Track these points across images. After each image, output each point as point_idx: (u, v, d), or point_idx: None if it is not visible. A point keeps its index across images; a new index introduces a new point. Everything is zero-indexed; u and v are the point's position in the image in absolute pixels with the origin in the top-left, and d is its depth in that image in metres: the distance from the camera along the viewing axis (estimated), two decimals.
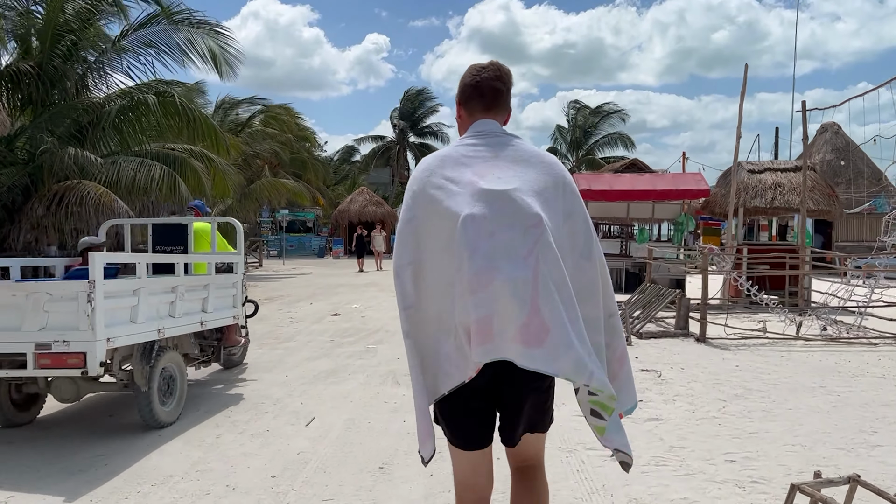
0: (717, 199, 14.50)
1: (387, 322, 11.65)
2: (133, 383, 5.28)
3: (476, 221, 2.15)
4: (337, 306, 14.27)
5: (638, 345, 9.21)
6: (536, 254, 2.12)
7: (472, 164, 2.32)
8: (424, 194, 2.31)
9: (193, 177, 15.02)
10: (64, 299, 4.67)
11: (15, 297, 4.70)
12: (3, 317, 4.70)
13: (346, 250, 38.57)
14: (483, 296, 2.09)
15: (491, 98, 2.47)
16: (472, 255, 2.12)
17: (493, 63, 2.52)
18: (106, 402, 6.36)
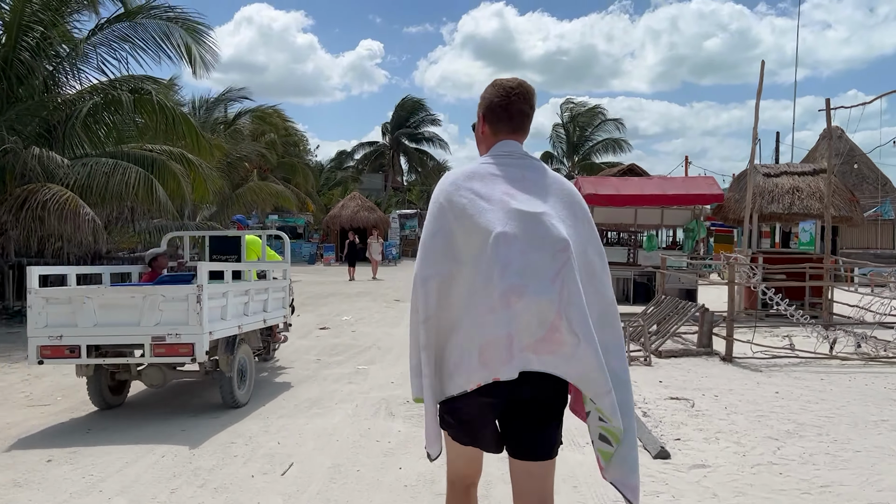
0: (731, 205, 13.64)
1: (379, 337, 10.71)
2: (217, 370, 6.28)
3: (509, 240, 2.18)
4: (326, 318, 13.31)
5: (659, 365, 8.30)
6: (562, 277, 2.17)
7: (500, 183, 2.33)
8: (453, 208, 2.31)
9: (172, 180, 14.05)
10: (176, 300, 5.65)
11: (134, 298, 5.68)
12: (125, 314, 5.67)
13: (338, 257, 37.59)
14: (510, 312, 2.13)
15: (519, 122, 2.48)
16: (504, 272, 2.15)
17: (522, 84, 2.49)
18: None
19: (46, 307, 5.69)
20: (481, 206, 2.27)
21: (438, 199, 2.38)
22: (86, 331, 5.65)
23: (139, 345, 5.71)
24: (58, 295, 5.77)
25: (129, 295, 5.72)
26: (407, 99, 51.32)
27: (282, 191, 25.31)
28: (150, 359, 5.72)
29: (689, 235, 13.95)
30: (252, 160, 37.05)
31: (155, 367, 6.15)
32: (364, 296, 18.29)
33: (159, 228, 17.36)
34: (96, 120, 13.37)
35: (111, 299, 5.73)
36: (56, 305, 5.70)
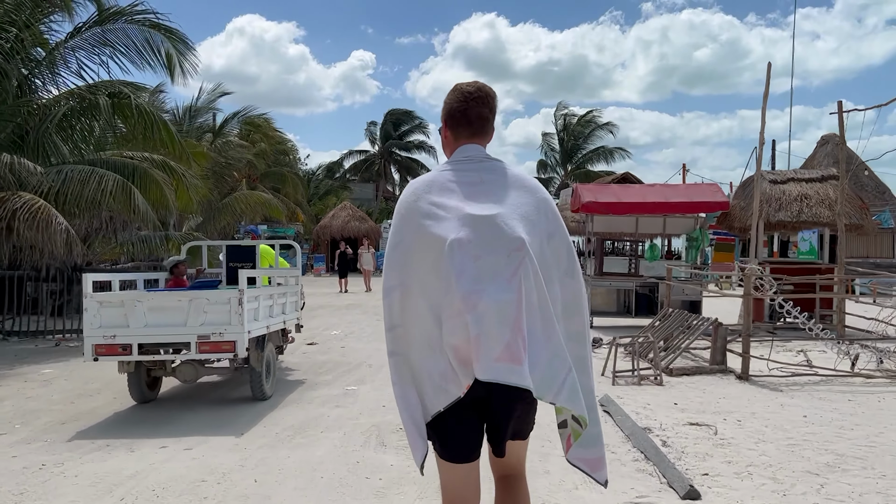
0: (737, 213, 13.12)
1: (370, 354, 10.08)
2: (247, 366, 6.92)
3: (462, 246, 2.24)
4: (314, 333, 12.67)
5: (671, 384, 7.72)
6: (520, 276, 2.22)
7: (458, 190, 2.38)
8: (412, 219, 2.38)
9: (155, 189, 13.41)
10: (219, 303, 6.34)
11: (181, 301, 6.33)
12: (172, 316, 6.30)
13: (328, 268, 36.91)
14: (470, 317, 2.17)
15: (478, 125, 2.52)
16: (459, 278, 2.21)
17: (481, 88, 2.53)
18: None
19: (101, 310, 6.28)
20: (438, 216, 2.32)
21: (400, 211, 2.44)
22: (137, 331, 6.28)
23: (186, 342, 6.35)
24: (111, 299, 6.43)
25: (177, 299, 6.40)
26: (395, 110, 50.81)
27: (270, 200, 24.61)
28: (195, 355, 6.40)
29: (693, 245, 13.42)
30: (240, 169, 36.54)
31: (189, 364, 6.75)
32: (354, 308, 17.67)
33: (143, 239, 16.74)
34: (72, 125, 12.73)
35: (160, 303, 6.40)
36: (109, 308, 6.31)
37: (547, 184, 49.48)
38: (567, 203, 39.85)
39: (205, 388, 7.80)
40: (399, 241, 2.41)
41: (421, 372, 2.34)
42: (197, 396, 7.42)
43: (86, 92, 12.68)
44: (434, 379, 2.30)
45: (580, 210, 12.96)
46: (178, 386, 7.77)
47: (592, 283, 13.01)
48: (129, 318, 6.25)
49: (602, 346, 10.68)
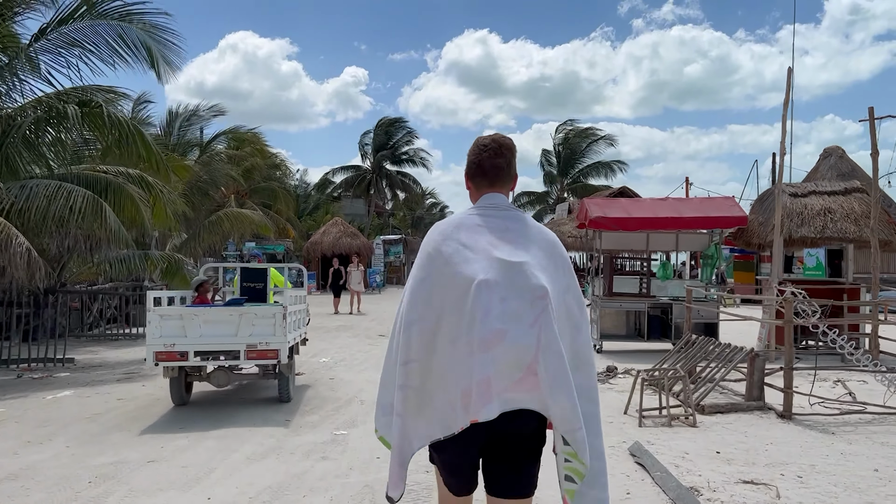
0: (755, 228, 12.26)
1: (361, 387, 9.11)
2: (278, 372, 7.96)
3: (490, 287, 2.33)
4: (301, 361, 11.69)
5: (705, 425, 6.79)
6: (541, 323, 2.30)
7: (485, 234, 2.49)
8: (440, 256, 2.49)
9: (129, 205, 12.44)
10: (264, 317, 7.43)
11: (232, 316, 7.41)
12: (224, 328, 7.37)
13: (319, 285, 35.91)
14: (489, 355, 2.27)
15: (493, 175, 2.66)
16: (485, 318, 2.29)
17: (495, 140, 2.68)
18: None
19: (161, 322, 7.23)
20: (466, 256, 2.43)
21: (427, 248, 2.56)
22: (193, 340, 7.27)
23: (236, 350, 7.37)
24: (171, 312, 7.38)
25: (229, 314, 7.41)
26: (384, 120, 49.68)
27: (259, 218, 23.63)
28: (243, 362, 7.52)
29: (708, 263, 12.53)
30: (229, 185, 35.57)
31: (221, 370, 7.75)
32: (345, 331, 16.68)
33: (121, 259, 15.75)
34: (38, 136, 11.74)
35: (214, 316, 7.38)
36: (169, 320, 7.26)
37: (544, 198, 48.74)
38: (563, 218, 39.20)
39: (169, 451, 6.81)
40: (425, 276, 2.50)
41: (426, 402, 2.41)
42: (160, 459, 6.42)
43: (54, 100, 11.73)
44: (436, 411, 2.39)
45: (587, 226, 12.07)
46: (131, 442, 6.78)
47: (602, 305, 12.10)
48: (186, 330, 7.26)
49: (617, 375, 9.74)
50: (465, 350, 2.32)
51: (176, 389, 7.84)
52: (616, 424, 6.91)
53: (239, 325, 7.36)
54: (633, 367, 10.24)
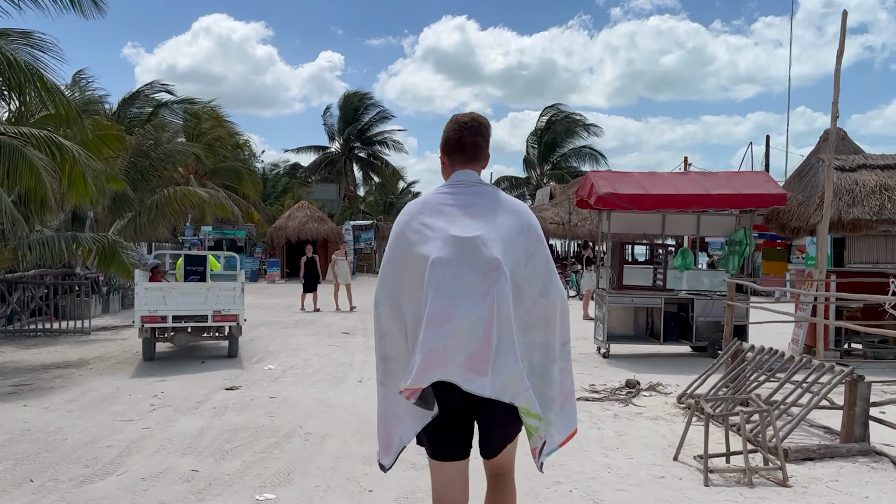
0: (794, 209, 10.22)
1: (311, 410, 6.90)
2: (229, 334, 10.17)
3: (443, 264, 2.47)
4: (243, 367, 9.45)
5: (799, 482, 4.68)
6: (493, 294, 2.43)
7: (447, 212, 2.62)
8: (404, 237, 2.64)
9: (27, 174, 10.01)
10: (227, 290, 9.80)
11: (201, 289, 9.81)
12: (196, 298, 9.65)
13: (284, 273, 33.47)
14: (443, 329, 2.41)
15: (472, 152, 2.75)
16: (437, 294, 2.44)
17: (475, 118, 2.77)
18: None
19: (146, 294, 9.48)
20: (426, 235, 2.57)
21: (395, 230, 2.69)
22: (172, 307, 9.50)
23: (204, 315, 9.66)
24: (154, 286, 9.76)
25: (198, 288, 9.90)
26: (351, 94, 46.84)
27: (210, 199, 21.15)
28: (210, 323, 9.84)
29: (735, 250, 10.48)
30: (188, 165, 32.90)
31: (184, 332, 9.95)
32: (305, 326, 14.40)
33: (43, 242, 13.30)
34: None
35: (188, 289, 9.82)
36: (152, 292, 9.54)
37: (525, 183, 46.69)
38: (545, 203, 37.08)
39: None
40: (392, 256, 2.67)
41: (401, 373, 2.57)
42: None
43: None
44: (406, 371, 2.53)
45: (594, 205, 9.93)
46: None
47: (610, 300, 9.99)
48: (166, 299, 9.40)
49: (641, 392, 7.63)
50: (424, 325, 2.44)
51: (147, 348, 9.81)
52: (668, 481, 4.79)
53: (207, 296, 9.64)
54: (658, 381, 8.16)
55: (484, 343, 2.38)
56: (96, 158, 14.21)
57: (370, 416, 6.55)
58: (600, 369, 9.22)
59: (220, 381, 8.49)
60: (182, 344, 10.26)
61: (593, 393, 7.62)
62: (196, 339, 10.32)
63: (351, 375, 8.77)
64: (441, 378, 2.39)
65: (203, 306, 9.56)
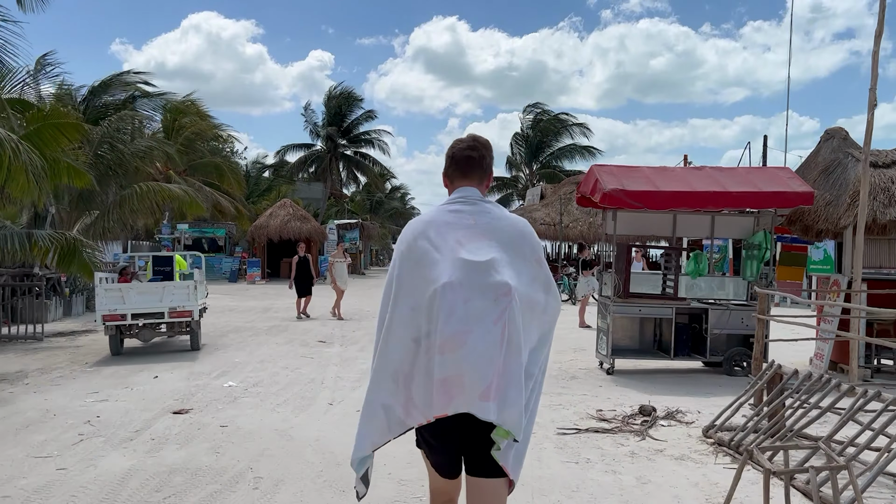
0: (820, 209, 9.18)
1: (267, 444, 5.76)
2: (190, 329, 10.77)
3: (454, 289, 2.44)
4: (200, 382, 8.29)
5: None
6: (504, 320, 2.42)
7: (453, 231, 2.59)
8: (410, 257, 2.60)
9: None
10: (181, 289, 10.41)
11: (157, 288, 10.35)
12: (152, 297, 10.20)
13: (265, 274, 32.20)
14: (456, 355, 2.38)
15: (465, 166, 2.77)
16: (449, 319, 2.41)
17: (473, 138, 2.83)
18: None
19: (106, 294, 10.01)
20: (433, 258, 2.53)
21: (400, 248, 2.67)
22: (131, 306, 10.06)
23: (161, 312, 10.20)
24: (112, 288, 10.21)
25: (155, 287, 10.42)
26: (336, 91, 45.50)
27: (183, 195, 19.90)
28: (167, 320, 10.36)
29: (753, 255, 9.43)
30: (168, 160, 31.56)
31: (147, 328, 10.51)
32: (279, 333, 13.24)
33: None
34: None
35: (145, 289, 10.34)
36: (112, 293, 10.07)
37: (513, 183, 45.63)
38: (535, 203, 35.94)
39: None
40: (398, 274, 2.61)
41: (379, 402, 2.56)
42: None
43: None
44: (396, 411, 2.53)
45: (600, 203, 8.84)
46: None
47: (615, 310, 8.91)
48: (125, 299, 10.07)
49: (658, 422, 6.53)
50: (434, 351, 2.41)
51: (113, 344, 10.40)
52: None
53: (163, 294, 10.14)
54: (676, 406, 7.07)
55: (497, 371, 2.38)
56: (51, 149, 13.04)
57: (336, 454, 5.42)
58: (606, 389, 8.13)
59: (169, 402, 7.33)
60: (146, 340, 10.70)
61: (602, 421, 6.52)
62: (159, 335, 10.88)
63: (321, 396, 7.62)
64: (462, 410, 2.39)
65: (160, 304, 10.17)
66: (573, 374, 9.03)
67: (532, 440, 5.90)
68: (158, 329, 10.74)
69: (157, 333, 10.75)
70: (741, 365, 9.05)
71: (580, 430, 6.18)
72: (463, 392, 2.36)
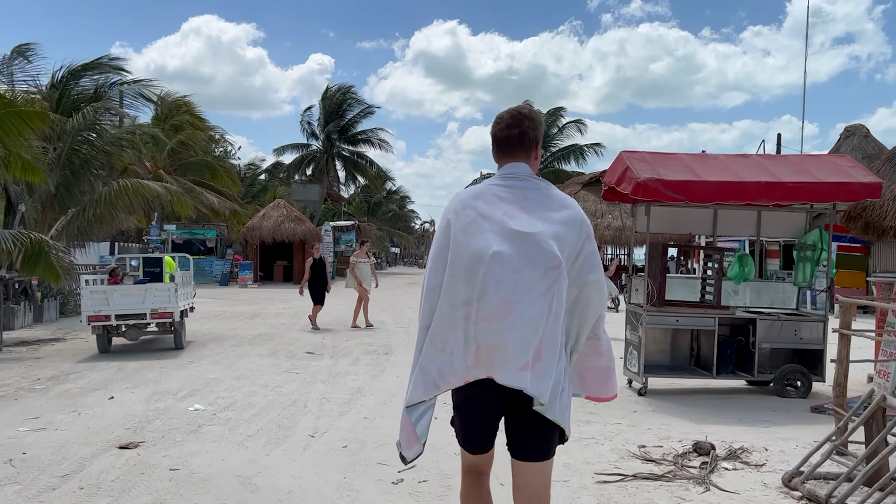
0: (888, 205, 7.90)
1: (222, 499, 4.45)
2: (174, 329, 11.00)
3: (504, 258, 2.42)
4: (163, 404, 7.00)
5: None
6: (553, 292, 2.41)
7: (502, 204, 2.57)
8: (458, 224, 2.55)
9: None
10: (162, 291, 10.71)
11: (139, 290, 10.63)
12: (135, 298, 10.49)
13: (257, 277, 30.86)
14: (502, 324, 2.38)
15: (507, 145, 2.71)
16: (498, 288, 2.40)
17: (510, 111, 2.74)
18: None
19: (91, 296, 10.32)
20: (482, 226, 2.51)
21: (447, 216, 2.63)
22: (114, 307, 10.37)
23: (143, 313, 10.46)
24: (97, 290, 10.45)
25: (137, 289, 10.64)
26: (334, 88, 44.21)
27: (166, 193, 18.59)
28: (149, 320, 10.61)
29: (807, 256, 8.16)
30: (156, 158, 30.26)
31: (134, 328, 10.82)
32: (263, 343, 11.94)
33: None
34: None
35: (128, 291, 10.60)
36: (96, 294, 10.36)
37: None
38: None
39: None
40: (444, 244, 2.57)
41: (424, 367, 2.54)
42: None
43: None
44: (431, 374, 2.51)
45: (631, 194, 7.55)
46: None
47: (648, 320, 7.63)
48: (109, 301, 10.35)
49: (719, 464, 5.23)
50: (480, 317, 2.39)
51: (101, 342, 10.76)
52: None
53: (145, 296, 10.58)
54: (739, 443, 5.77)
55: (541, 342, 2.37)
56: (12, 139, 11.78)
57: None
58: (643, 416, 6.83)
59: (118, 432, 6.04)
60: (133, 338, 11.07)
61: (648, 462, 5.23)
62: (146, 334, 11.25)
63: (301, 425, 6.32)
64: (502, 380, 2.37)
65: (142, 306, 10.48)
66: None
67: (565, 489, 4.65)
68: (145, 328, 11.09)
69: (144, 332, 11.13)
70: (795, 385, 7.76)
71: (624, 476, 4.88)
72: (506, 361, 2.36)
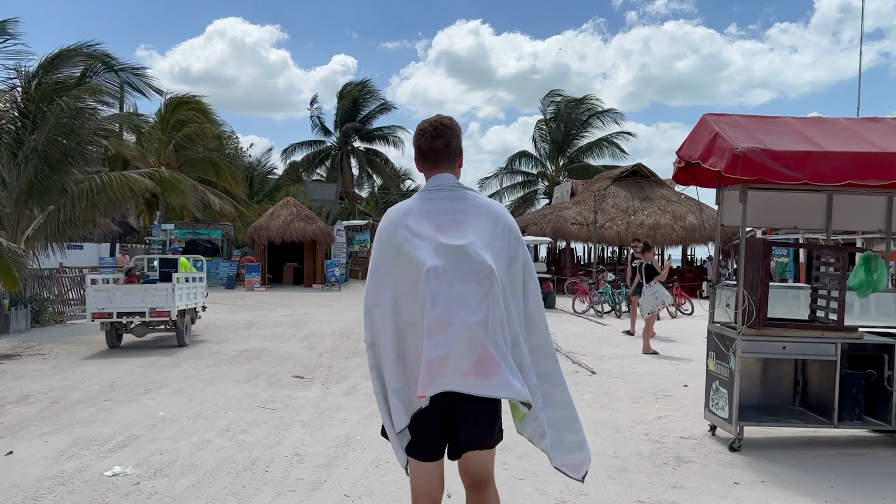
0: None
1: None
2: (176, 327, 11.47)
3: (437, 273, 2.45)
4: (59, 477, 4.98)
5: None
6: (488, 302, 2.45)
7: (432, 218, 2.60)
8: (392, 245, 2.61)
9: None
10: (161, 290, 11.12)
11: (139, 289, 11.16)
12: (136, 297, 11.06)
13: (265, 280, 28.95)
14: (443, 338, 2.41)
15: (433, 157, 2.74)
16: (434, 302, 2.43)
17: (432, 123, 2.75)
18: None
19: (95, 294, 10.94)
20: (415, 243, 2.54)
21: (381, 237, 2.68)
22: (116, 305, 10.98)
23: (143, 311, 11.02)
24: (101, 288, 11.10)
25: (138, 288, 11.20)
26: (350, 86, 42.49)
27: (151, 185, 16.67)
28: (148, 318, 11.09)
29: None
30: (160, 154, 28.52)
31: (141, 325, 11.36)
32: (247, 362, 9.97)
33: None
34: None
35: (129, 290, 11.17)
36: (100, 292, 11.00)
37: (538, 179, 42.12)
38: (566, 202, 32.21)
39: None
40: (380, 264, 2.63)
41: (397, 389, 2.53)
42: None
43: None
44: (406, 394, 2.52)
45: (725, 171, 5.39)
46: None
47: (745, 348, 5.48)
48: (112, 299, 10.97)
49: None
50: (422, 334, 2.44)
51: (109, 337, 11.42)
52: None
53: (144, 296, 11.07)
54: None
55: (483, 350, 2.40)
56: None
57: None
58: (748, 489, 4.68)
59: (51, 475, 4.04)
60: (140, 335, 11.60)
61: None
62: (150, 331, 11.74)
63: (257, 501, 4.27)
64: (446, 388, 2.41)
65: (141, 304, 11.02)
66: (678, 453, 5.56)
67: None
68: (152, 326, 11.58)
69: (151, 329, 11.67)
70: None
71: None
72: (447, 372, 2.40)
